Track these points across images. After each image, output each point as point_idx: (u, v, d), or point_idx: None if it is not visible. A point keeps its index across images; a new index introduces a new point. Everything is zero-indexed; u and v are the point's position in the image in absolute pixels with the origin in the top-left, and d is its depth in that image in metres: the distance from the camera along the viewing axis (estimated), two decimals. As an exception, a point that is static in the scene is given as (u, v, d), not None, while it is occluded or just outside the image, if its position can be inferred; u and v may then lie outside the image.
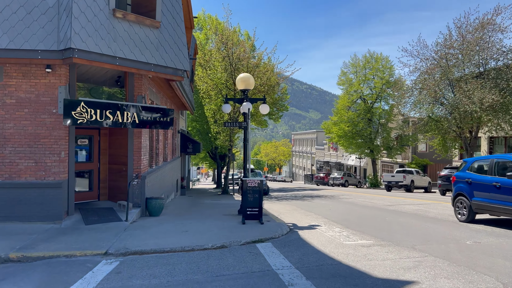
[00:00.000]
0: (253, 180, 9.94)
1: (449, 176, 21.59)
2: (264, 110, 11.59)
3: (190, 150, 25.15)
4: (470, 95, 22.73)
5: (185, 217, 11.16)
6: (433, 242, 7.36)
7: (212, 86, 25.06)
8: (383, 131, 39.41)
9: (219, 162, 38.01)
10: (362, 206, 14.96)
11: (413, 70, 29.15)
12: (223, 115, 25.68)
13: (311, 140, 75.69)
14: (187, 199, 19.73)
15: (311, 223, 10.38)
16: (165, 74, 10.35)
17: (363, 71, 40.88)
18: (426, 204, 15.14)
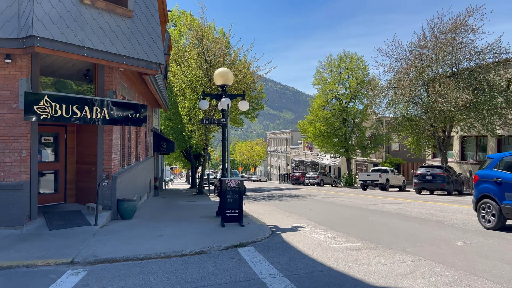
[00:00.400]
0: (232, 180, 9.41)
1: (424, 175, 21.74)
2: (244, 106, 11.08)
3: (163, 149, 24.32)
4: (445, 95, 22.99)
5: (160, 220, 10.51)
6: (423, 244, 7.06)
7: (187, 83, 24.32)
8: (357, 130, 39.66)
9: (193, 162, 37.19)
10: (342, 205, 14.69)
11: (388, 70, 29.39)
12: (198, 113, 24.99)
13: (286, 140, 75.72)
14: (161, 200, 18.97)
15: (293, 224, 9.94)
16: (138, 67, 9.66)
17: (338, 70, 41.02)
18: (405, 203, 15.03)
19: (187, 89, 24.66)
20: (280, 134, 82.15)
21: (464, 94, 22.16)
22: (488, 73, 23.04)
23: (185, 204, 16.14)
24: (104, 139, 10.08)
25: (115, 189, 10.11)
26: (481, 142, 28.31)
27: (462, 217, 10.57)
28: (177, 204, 16.68)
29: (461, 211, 11.90)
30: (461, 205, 13.87)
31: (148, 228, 9.01)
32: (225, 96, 10.81)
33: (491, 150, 26.85)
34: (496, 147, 26.43)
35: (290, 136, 73.25)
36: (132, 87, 13.74)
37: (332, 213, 12.32)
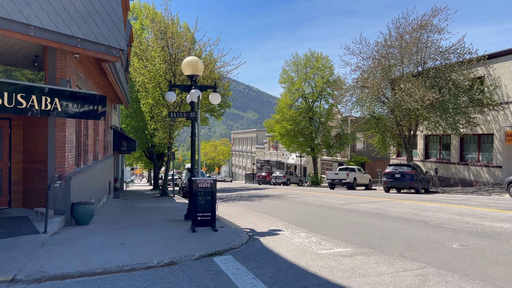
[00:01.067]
0: (205, 180, 8.46)
1: (393, 173, 21.65)
2: (215, 99, 10.15)
3: (124, 148, 22.86)
4: (412, 93, 23.04)
5: (121, 225, 9.37)
6: (418, 247, 6.45)
7: (150, 78, 23.00)
8: (323, 129, 39.58)
9: (156, 162, 35.65)
10: (316, 205, 14.06)
11: (354, 69, 29.29)
12: (161, 109, 23.70)
13: (251, 139, 75.07)
14: (121, 203, 17.62)
15: (271, 227, 9.13)
16: (95, 52, 8.50)
17: (304, 69, 40.78)
18: (380, 202, 14.63)
19: (149, 85, 23.32)
20: (245, 133, 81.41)
21: (431, 92, 22.29)
22: (453, 73, 23.32)
23: (149, 207, 14.96)
24: (56, 135, 8.83)
25: (69, 191, 8.89)
26: (444, 141, 28.82)
27: (445, 216, 10.17)
28: (140, 206, 15.46)
29: (440, 210, 11.55)
30: (438, 204, 13.62)
31: (108, 235, 7.89)
32: (195, 87, 9.83)
33: (454, 149, 27.36)
34: (459, 146, 26.94)
35: (255, 136, 72.67)
36: (90, 78, 12.44)
37: (309, 214, 11.63)
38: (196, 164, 10.16)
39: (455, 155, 27.23)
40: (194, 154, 10.21)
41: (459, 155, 26.94)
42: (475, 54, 23.79)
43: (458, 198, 16.85)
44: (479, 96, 22.26)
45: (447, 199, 16.21)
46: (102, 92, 16.24)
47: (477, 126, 23.54)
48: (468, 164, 26.04)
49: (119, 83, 13.71)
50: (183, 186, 23.26)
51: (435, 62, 24.51)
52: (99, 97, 8.64)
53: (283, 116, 40.30)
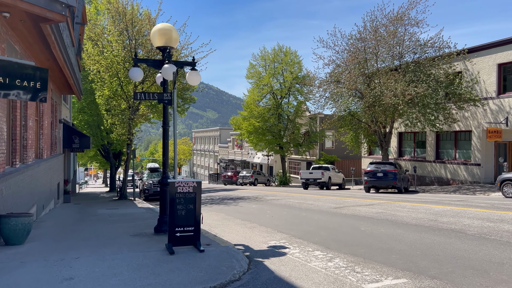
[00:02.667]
0: (185, 183, 6.27)
1: (375, 172, 20.26)
2: (194, 79, 7.96)
3: (76, 145, 19.99)
4: (392, 88, 21.82)
5: (70, 244, 6.98)
6: (501, 275, 4.67)
7: (106, 66, 20.21)
8: (292, 127, 38.03)
9: (113, 162, 32.53)
10: (307, 210, 12.18)
11: (327, 63, 27.84)
12: (120, 101, 20.95)
13: (214, 138, 72.56)
14: (73, 209, 14.92)
15: (270, 242, 7.11)
16: (31, 5, 6.08)
17: (272, 64, 39.03)
18: (377, 204, 12.98)
19: (106, 74, 20.52)
20: (208, 132, 78.75)
21: (412, 87, 21.15)
22: (433, 67, 22.35)
23: (106, 214, 12.44)
24: (-26, 121, 6.32)
25: (-6, 199, 6.41)
26: (419, 138, 28.04)
27: (473, 222, 8.56)
28: (95, 213, 12.90)
29: (456, 214, 10.00)
30: (440, 205, 12.16)
31: (48, 263, 5.53)
32: (168, 61, 7.60)
33: (430, 146, 26.58)
34: (435, 143, 26.18)
35: (219, 134, 70.26)
36: (30, 55, 9.82)
37: (306, 221, 9.70)
38: (169, 163, 7.93)
39: (431, 153, 26.46)
40: (166, 149, 7.98)
41: (435, 153, 26.19)
42: (454, 48, 22.98)
43: (449, 198, 15.61)
44: (461, 91, 21.37)
45: (441, 199, 14.89)
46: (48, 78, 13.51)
47: (456, 122, 22.71)
48: (445, 162, 25.30)
49: (67, 62, 11.11)
50: (145, 188, 20.69)
51: (414, 56, 23.47)
52: (37, 70, 6.23)
53: (251, 112, 38.35)
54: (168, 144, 7.94)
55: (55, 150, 16.30)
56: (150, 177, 22.02)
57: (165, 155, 7.91)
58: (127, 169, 21.17)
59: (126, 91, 20.62)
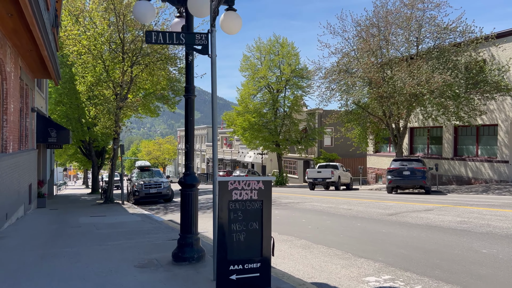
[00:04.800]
0: (246, 182, 3.51)
1: (401, 170, 17.77)
2: (233, 25, 5.16)
3: (53, 139, 16.90)
4: (416, 76, 19.43)
5: (37, 285, 4.13)
6: None
7: (89, 46, 17.18)
8: (290, 123, 35.41)
9: (95, 160, 29.32)
10: (352, 217, 9.54)
11: (333, 52, 25.35)
12: (105, 92, 17.90)
13: (202, 137, 69.43)
14: (48, 217, 11.91)
15: (367, 279, 4.42)
16: None
17: (268, 56, 36.36)
18: (435, 209, 10.42)
19: (88, 56, 17.45)
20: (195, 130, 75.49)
21: (438, 74, 18.80)
22: (459, 54, 20.08)
23: (91, 224, 9.52)
24: None
25: None
26: (434, 133, 25.83)
27: None
28: (77, 223, 9.97)
29: None
30: (506, 210, 9.69)
31: None
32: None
33: (447, 142, 24.37)
34: (453, 138, 23.97)
35: (206, 133, 67.21)
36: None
37: (378, 237, 7.03)
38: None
39: (448, 150, 24.24)
40: (191, 131, 5.18)
41: (453, 149, 23.97)
42: (480, 33, 20.74)
43: (497, 199, 13.20)
44: (494, 78, 19.12)
45: (492, 200, 12.46)
46: (16, 51, 10.53)
47: (483, 114, 20.50)
48: (465, 159, 23.10)
49: (40, 22, 8.18)
50: (135, 190, 17.71)
51: (436, 41, 21.14)
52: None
53: (246, 107, 35.58)
54: (191, 124, 5.15)
55: (26, 144, 13.23)
56: (140, 177, 19.04)
57: (189, 139, 5.11)
58: (113, 169, 18.13)
59: (112, 77, 17.62)
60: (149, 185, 17.76)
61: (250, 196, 3.47)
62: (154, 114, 28.74)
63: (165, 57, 18.06)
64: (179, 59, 18.83)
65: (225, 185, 3.40)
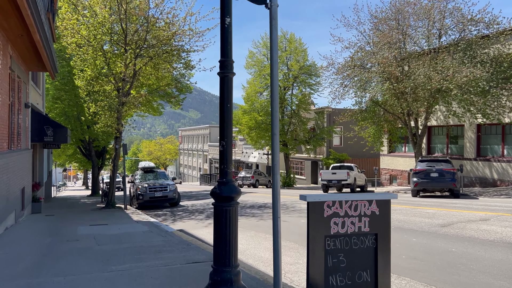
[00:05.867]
0: (353, 203, 2.08)
1: (428, 172, 16.31)
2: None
3: (49, 138, 15.48)
4: (443, 69, 18.00)
5: None
6: None
7: (88, 38, 15.73)
8: (298, 121, 33.96)
9: (95, 161, 27.90)
10: (400, 229, 8.09)
11: (347, 46, 23.94)
12: (105, 84, 16.42)
13: (204, 137, 67.98)
14: (42, 225, 10.48)
15: None
16: None
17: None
18: (494, 218, 8.99)
19: (88, 48, 16.00)
20: (196, 130, 74.10)
21: (466, 68, 17.37)
22: (490, 45, 18.64)
23: (91, 237, 8.07)
24: None
25: None
26: (454, 132, 24.39)
27: None
28: (74, 235, 8.53)
29: None
30: None
31: None
32: None
33: (469, 142, 22.93)
34: (476, 138, 22.52)
35: (208, 132, 65.76)
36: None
37: (447, 259, 5.59)
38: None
39: (471, 150, 22.80)
40: (228, 116, 3.72)
41: (476, 149, 22.53)
42: (507, 24, 19.31)
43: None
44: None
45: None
46: (3, 32, 9.12)
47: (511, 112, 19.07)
48: (489, 160, 21.66)
49: (31, 3, 6.78)
50: (139, 194, 16.26)
51: (462, 33, 19.69)
52: None
53: (251, 106, 34.15)
54: (229, 112, 3.71)
55: (18, 143, 11.82)
56: (144, 179, 17.61)
57: (226, 134, 3.67)
58: (115, 170, 16.67)
59: (114, 70, 16.18)
60: (154, 188, 16.34)
61: (358, 227, 2.07)
62: (156, 113, 27.37)
63: (172, 49, 16.61)
64: (186, 51, 17.32)
65: (318, 209, 2.00)
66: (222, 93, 3.69)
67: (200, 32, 16.63)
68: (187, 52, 17.38)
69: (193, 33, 16.65)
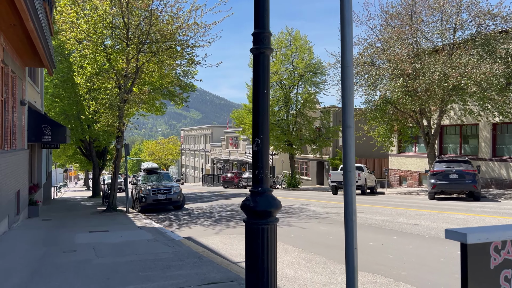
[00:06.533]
0: None
1: (447, 173, 15.43)
2: None
3: (47, 138, 14.66)
4: (461, 65, 17.13)
5: None
6: None
7: (88, 33, 14.90)
8: (304, 120, 33.08)
9: (96, 161, 27.06)
10: (434, 239, 7.28)
11: (356, 42, 23.09)
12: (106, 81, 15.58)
13: (206, 137, 67.14)
14: (37, 233, 9.64)
15: None
16: None
17: (280, 50, 34.04)
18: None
19: (88, 43, 15.16)
20: (198, 130, 73.27)
21: (485, 63, 16.51)
22: (508, 40, 17.79)
23: (90, 247, 7.23)
24: None
25: None
26: (467, 131, 23.53)
27: None
28: (71, 244, 7.69)
29: None
30: None
31: None
32: None
33: (484, 141, 22.05)
34: (491, 137, 21.64)
35: (211, 132, 64.91)
36: None
37: None
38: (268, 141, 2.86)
39: (486, 149, 21.93)
40: (262, 112, 2.88)
41: (492, 149, 21.66)
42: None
43: None
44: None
45: None
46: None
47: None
48: (506, 160, 20.79)
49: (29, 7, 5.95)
50: (141, 196, 15.41)
51: (479, 28, 18.82)
52: None
53: (256, 105, 33.24)
54: (265, 100, 2.86)
55: (12, 143, 10.99)
56: (147, 181, 16.78)
57: (262, 130, 2.83)
58: (116, 171, 15.83)
59: (116, 67, 15.34)
60: (158, 190, 15.49)
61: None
62: (159, 112, 26.52)
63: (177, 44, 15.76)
64: (191, 46, 16.42)
65: (481, 254, 1.15)
66: (257, 75, 2.84)
67: (206, 26, 15.75)
68: (192, 47, 16.47)
69: (198, 27, 15.77)
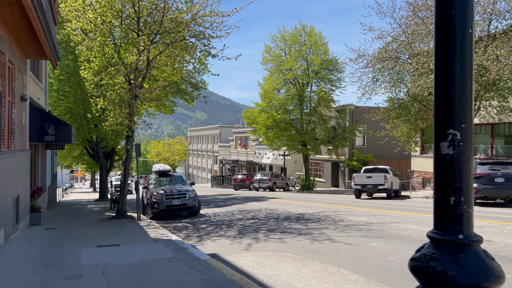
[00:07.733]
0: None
1: (492, 177, 13.91)
2: None
3: (51, 137, 13.35)
4: (497, 60, 15.63)
5: None
6: None
7: (95, 23, 13.57)
8: (319, 119, 31.58)
9: (103, 163, 25.77)
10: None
11: (379, 36, 21.57)
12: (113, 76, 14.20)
13: (214, 137, 65.81)
14: (37, 247, 8.28)
15: None
16: None
17: (294, 46, 32.59)
18: None
19: (96, 34, 13.83)
20: (206, 130, 71.96)
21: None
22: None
23: (98, 270, 5.85)
24: None
25: None
26: (499, 130, 21.93)
27: None
28: (76, 266, 6.33)
29: None
30: None
31: None
32: None
33: (519, 141, 20.46)
34: (528, 137, 20.06)
35: (219, 133, 63.58)
36: None
37: None
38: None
39: (522, 150, 20.35)
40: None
41: (528, 150, 20.08)
42: None
43: None
44: None
45: None
46: None
47: None
48: (545, 161, 19.17)
49: None
50: (154, 201, 14.03)
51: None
52: None
53: (269, 103, 31.87)
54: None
55: (12, 143, 9.67)
56: (159, 184, 15.42)
57: (457, 82, 1.44)
58: (126, 173, 14.48)
59: (125, 60, 14.01)
60: (171, 195, 14.11)
61: None
62: (168, 111, 25.21)
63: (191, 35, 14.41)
64: (206, 38, 14.97)
65: None
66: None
67: (225, 14, 14.33)
68: (208, 38, 15.03)
69: (215, 17, 14.36)
